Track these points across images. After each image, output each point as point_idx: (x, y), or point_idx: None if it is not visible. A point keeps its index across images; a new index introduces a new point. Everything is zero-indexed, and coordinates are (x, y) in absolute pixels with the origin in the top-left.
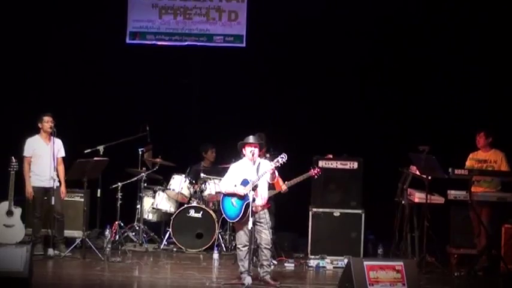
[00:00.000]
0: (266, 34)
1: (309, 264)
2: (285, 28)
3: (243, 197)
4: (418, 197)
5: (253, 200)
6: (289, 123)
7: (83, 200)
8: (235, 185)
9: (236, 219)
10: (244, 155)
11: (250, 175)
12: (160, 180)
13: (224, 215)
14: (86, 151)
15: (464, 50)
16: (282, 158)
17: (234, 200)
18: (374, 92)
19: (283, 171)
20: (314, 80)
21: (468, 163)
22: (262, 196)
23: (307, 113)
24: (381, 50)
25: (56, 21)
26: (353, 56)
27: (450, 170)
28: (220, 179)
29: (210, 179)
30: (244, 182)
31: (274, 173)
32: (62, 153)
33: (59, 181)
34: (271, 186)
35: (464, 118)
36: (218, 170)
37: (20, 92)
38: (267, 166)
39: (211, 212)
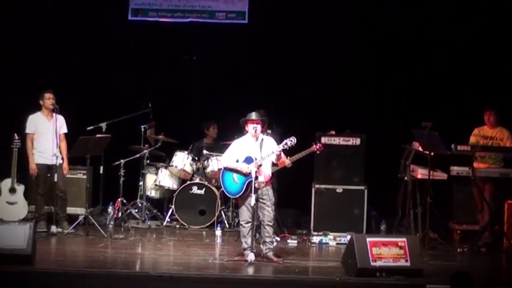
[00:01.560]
0: (268, 10)
1: (312, 241)
2: (288, 4)
3: (245, 174)
4: (420, 173)
5: (256, 178)
6: (291, 100)
7: (85, 177)
8: (237, 161)
9: (237, 195)
10: (247, 132)
11: (253, 152)
12: (162, 157)
13: (224, 190)
14: (88, 128)
15: (468, 24)
16: (291, 141)
17: (235, 175)
18: (376, 68)
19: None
20: (316, 56)
21: (473, 139)
22: (265, 173)
23: (310, 89)
24: (384, 25)
25: None
26: (355, 31)
27: (453, 146)
28: (222, 156)
29: (212, 155)
30: (248, 160)
31: (280, 154)
32: (64, 130)
33: (62, 158)
34: (273, 163)
35: (467, 94)
36: (220, 146)
37: (22, 69)
38: (271, 144)
39: (214, 188)
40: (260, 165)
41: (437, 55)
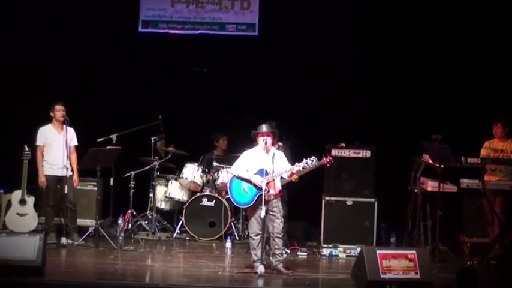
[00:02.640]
0: (279, 23)
1: (322, 253)
2: (298, 17)
3: (257, 186)
4: (430, 185)
5: (268, 191)
6: (301, 112)
7: (96, 188)
8: (248, 170)
9: (245, 206)
10: (258, 143)
11: (266, 165)
12: (173, 169)
13: (231, 198)
14: (98, 140)
15: (477, 39)
16: (313, 162)
17: (246, 186)
18: (387, 80)
19: (296, 161)
20: (327, 69)
21: (483, 152)
22: (276, 187)
23: (320, 101)
24: (394, 39)
25: (69, 10)
26: (366, 45)
27: (463, 158)
28: (232, 166)
29: (222, 167)
30: (261, 172)
31: (297, 172)
32: (75, 142)
33: (72, 170)
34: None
35: (477, 106)
36: (230, 158)
37: (32, 81)
38: (283, 159)
39: (224, 200)
40: (273, 180)
41: (447, 68)
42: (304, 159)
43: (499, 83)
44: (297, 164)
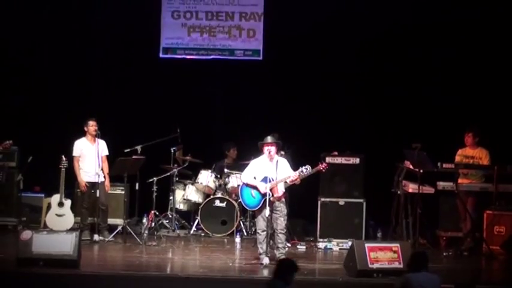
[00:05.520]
0: (280, 49)
1: (318, 246)
2: (296, 43)
3: (262, 192)
4: (411, 187)
5: (272, 195)
6: (300, 125)
7: (123, 192)
8: (255, 178)
9: (254, 209)
10: (264, 153)
11: (269, 172)
12: (189, 175)
13: (242, 202)
14: (126, 150)
15: (457, 55)
16: (307, 170)
17: (253, 191)
18: (374, 98)
19: (297, 166)
20: (321, 87)
21: (457, 158)
22: (279, 190)
23: (316, 115)
24: (380, 57)
25: (101, 37)
26: (357, 64)
27: (439, 164)
28: (242, 174)
29: (232, 173)
30: (265, 180)
31: (296, 179)
32: (106, 152)
33: (104, 176)
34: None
35: (451, 119)
36: (239, 165)
37: (68, 99)
38: (285, 165)
39: (234, 202)
40: (276, 185)
41: (424, 86)
42: (300, 168)
43: (471, 97)
44: (294, 172)
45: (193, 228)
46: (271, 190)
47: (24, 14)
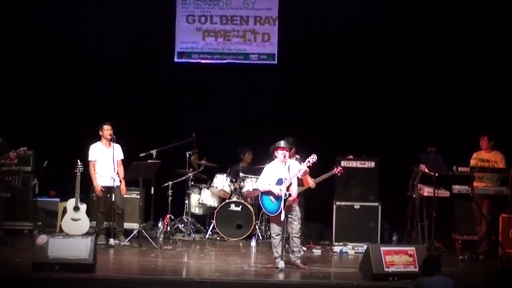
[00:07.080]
0: (294, 53)
1: (334, 250)
2: (311, 47)
3: (278, 195)
4: (426, 191)
5: (289, 195)
6: (315, 128)
7: (139, 196)
8: (270, 183)
9: (276, 213)
10: (276, 157)
11: (283, 174)
12: (205, 179)
13: (265, 211)
14: (141, 155)
15: (471, 57)
16: (313, 158)
17: (272, 197)
18: (390, 102)
19: (312, 170)
20: (336, 90)
21: (472, 162)
22: (293, 191)
23: (331, 119)
24: (395, 62)
25: (115, 42)
26: (372, 68)
27: (454, 167)
28: (257, 178)
29: (247, 177)
30: (280, 181)
31: (306, 170)
32: (121, 156)
33: (120, 180)
34: (300, 183)
35: (466, 122)
36: (254, 169)
37: (83, 104)
38: (297, 166)
39: (249, 206)
40: (290, 184)
41: (441, 89)
42: (306, 159)
43: (485, 101)
44: (302, 163)
45: (209, 232)
46: (287, 189)
47: (39, 18)
